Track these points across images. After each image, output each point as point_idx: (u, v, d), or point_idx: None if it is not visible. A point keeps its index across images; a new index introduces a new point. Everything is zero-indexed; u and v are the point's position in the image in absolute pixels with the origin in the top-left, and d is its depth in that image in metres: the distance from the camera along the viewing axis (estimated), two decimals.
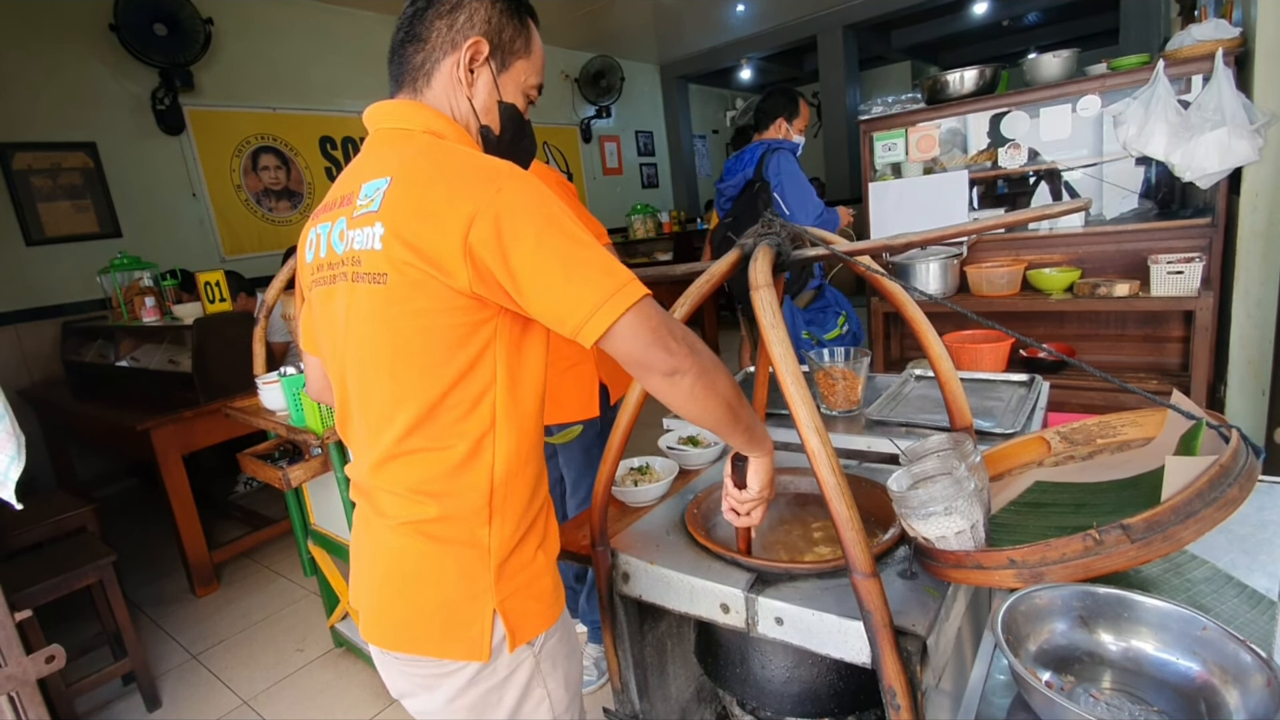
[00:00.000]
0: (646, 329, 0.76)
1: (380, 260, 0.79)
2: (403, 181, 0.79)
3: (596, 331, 0.74)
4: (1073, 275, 2.44)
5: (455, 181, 0.77)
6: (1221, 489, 0.68)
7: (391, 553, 0.87)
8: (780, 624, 0.89)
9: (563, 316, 0.75)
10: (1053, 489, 0.93)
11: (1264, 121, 2.02)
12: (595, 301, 0.74)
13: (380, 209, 0.79)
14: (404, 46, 0.90)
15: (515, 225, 0.74)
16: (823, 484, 0.76)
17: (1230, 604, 0.73)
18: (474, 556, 0.84)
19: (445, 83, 0.90)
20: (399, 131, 0.88)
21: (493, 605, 0.84)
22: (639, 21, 6.42)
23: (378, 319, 0.81)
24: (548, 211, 0.76)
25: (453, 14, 0.88)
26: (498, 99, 0.93)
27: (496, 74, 0.92)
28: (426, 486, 0.84)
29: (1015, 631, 0.64)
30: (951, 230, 0.84)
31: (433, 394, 0.81)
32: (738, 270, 0.97)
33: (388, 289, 0.79)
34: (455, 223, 0.74)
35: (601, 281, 0.75)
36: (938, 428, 1.30)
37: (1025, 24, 7.84)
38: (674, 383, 0.78)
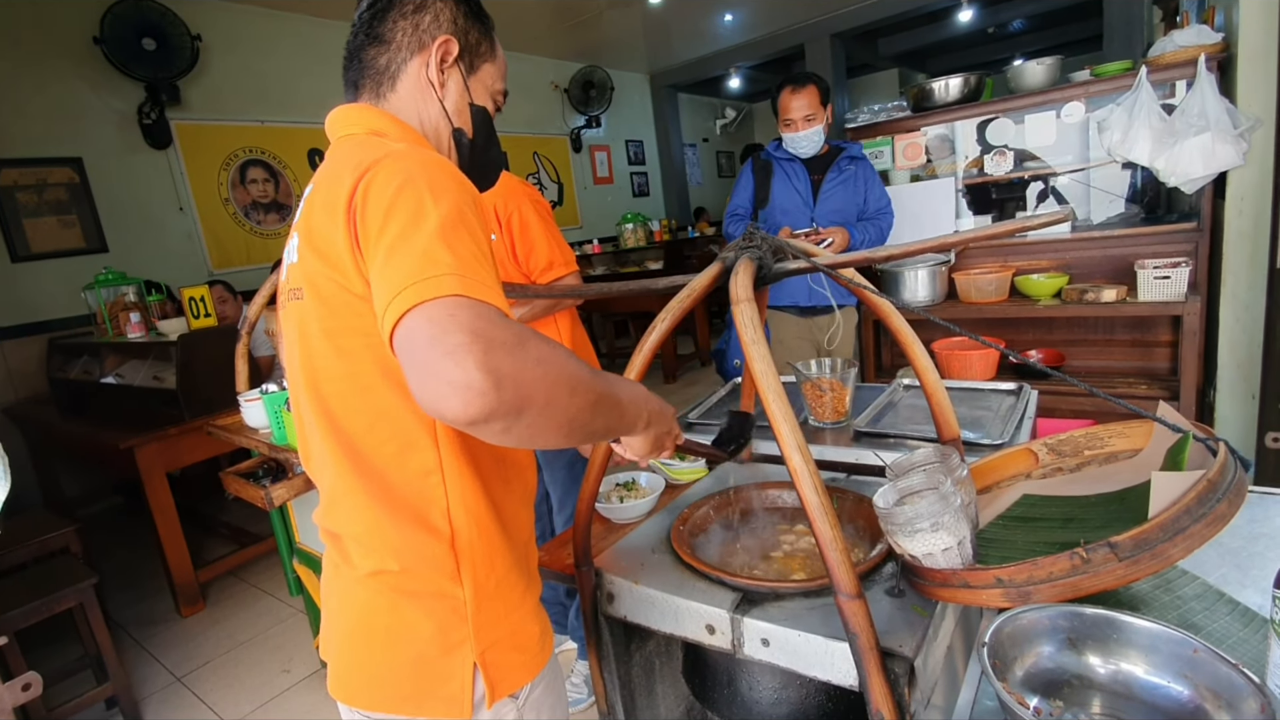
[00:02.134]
0: (425, 336, 0.56)
1: (297, 274, 0.74)
2: (324, 187, 0.73)
3: (386, 331, 0.59)
4: (1061, 281, 2.44)
5: (350, 162, 0.69)
6: (1210, 504, 0.66)
7: (360, 605, 0.79)
8: (766, 645, 0.87)
9: (376, 294, 0.62)
10: (1041, 502, 0.92)
11: (1248, 126, 2.03)
12: (392, 291, 0.59)
13: (300, 218, 0.75)
14: (363, 50, 0.84)
15: (378, 191, 0.64)
16: (806, 503, 0.75)
17: (1222, 622, 0.72)
18: (448, 609, 0.76)
19: (412, 86, 0.83)
20: (348, 138, 0.81)
21: (472, 658, 0.76)
22: (628, 31, 6.44)
23: (301, 340, 0.75)
24: (414, 184, 0.64)
25: (418, 14, 0.83)
26: (469, 101, 0.87)
27: (466, 76, 0.87)
28: (378, 536, 0.75)
29: (1002, 655, 0.62)
30: (934, 243, 0.83)
31: (357, 425, 0.72)
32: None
33: (303, 305, 0.74)
34: (340, 208, 0.66)
35: (412, 267, 0.59)
36: (926, 439, 1.28)
37: (1010, 31, 7.91)
38: (482, 432, 0.57)
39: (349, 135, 0.81)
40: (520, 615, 0.82)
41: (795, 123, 2.33)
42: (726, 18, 6.45)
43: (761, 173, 2.48)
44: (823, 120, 2.33)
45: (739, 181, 2.56)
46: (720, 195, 9.55)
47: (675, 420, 0.85)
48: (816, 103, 2.30)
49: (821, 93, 2.32)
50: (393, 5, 0.83)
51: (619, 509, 1.21)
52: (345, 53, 0.86)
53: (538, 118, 6.80)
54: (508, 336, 0.57)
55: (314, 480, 0.84)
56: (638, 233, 6.92)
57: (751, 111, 10.24)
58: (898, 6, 6.23)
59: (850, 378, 1.41)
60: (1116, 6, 4.88)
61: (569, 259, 1.78)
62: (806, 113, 2.30)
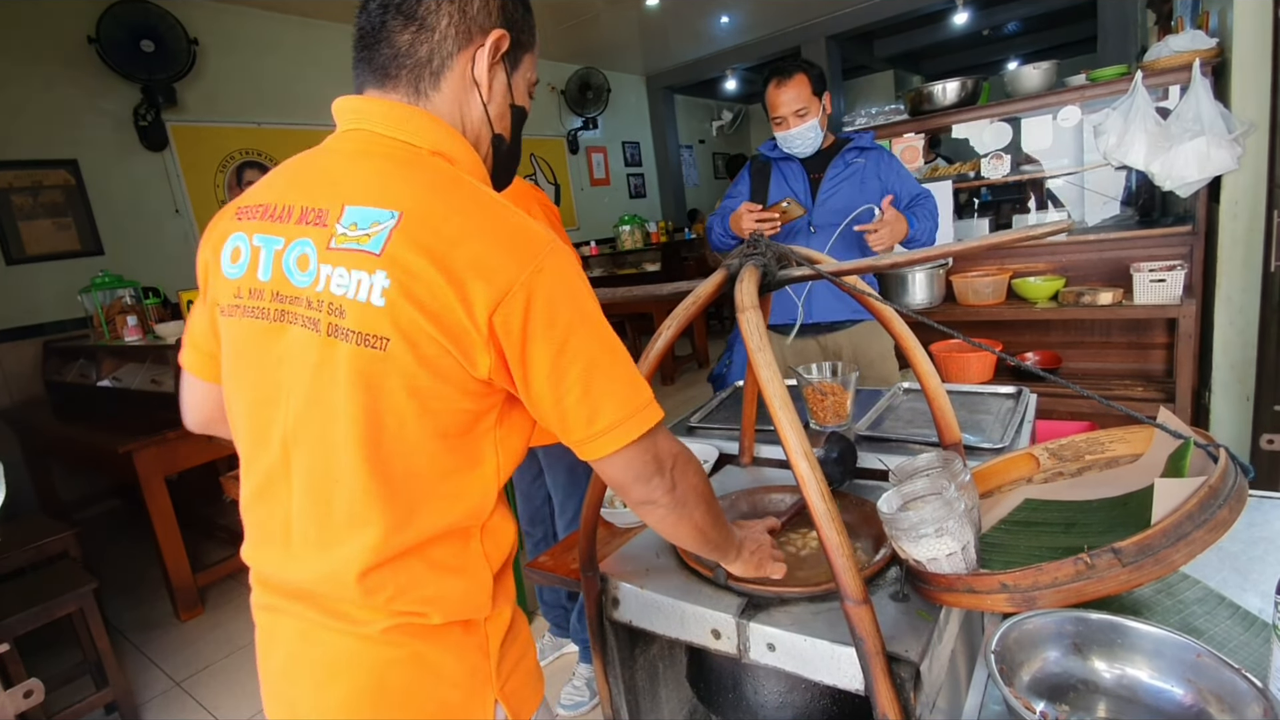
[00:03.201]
0: (640, 462, 0.71)
1: (380, 321, 0.62)
2: (418, 224, 0.63)
3: (598, 454, 0.69)
4: (1057, 284, 2.46)
5: (489, 243, 0.63)
6: (1211, 510, 0.67)
7: (367, 668, 0.69)
8: (772, 650, 0.87)
9: (569, 427, 0.68)
10: (1043, 507, 0.93)
11: (1242, 130, 2.05)
12: (608, 421, 0.68)
13: (384, 253, 0.62)
14: (393, 30, 0.70)
15: (547, 317, 0.64)
16: (813, 509, 0.76)
17: (1223, 626, 0.73)
18: (475, 645, 0.73)
19: (457, 85, 0.72)
20: (401, 146, 0.70)
21: (494, 695, 0.74)
22: (624, 33, 6.45)
23: (365, 391, 0.64)
24: (583, 304, 0.67)
25: (465, 5, 0.71)
26: (510, 103, 0.78)
27: (510, 73, 0.77)
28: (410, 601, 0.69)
29: (1009, 660, 0.63)
30: (937, 251, 0.83)
31: (421, 493, 0.68)
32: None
33: (386, 357, 0.63)
34: (483, 297, 0.62)
35: (621, 401, 0.68)
36: (927, 443, 1.29)
37: (1005, 33, 7.95)
38: (645, 510, 0.77)
39: (408, 146, 0.70)
40: (524, 639, 0.81)
41: (785, 119, 2.04)
42: (723, 19, 6.47)
43: (759, 175, 2.24)
44: (817, 113, 2.04)
45: (735, 183, 2.34)
46: (716, 197, 9.57)
47: (770, 544, 0.98)
48: (808, 94, 2.00)
49: (813, 82, 2.02)
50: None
51: (623, 514, 1.22)
52: (363, 25, 0.72)
53: (534, 119, 6.72)
54: (682, 452, 0.77)
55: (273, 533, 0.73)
56: (635, 234, 6.93)
57: (748, 113, 10.26)
58: (893, 8, 6.25)
59: (851, 382, 1.42)
60: (1111, 10, 4.91)
61: None
62: (797, 107, 2.00)
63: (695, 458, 0.81)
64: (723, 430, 1.54)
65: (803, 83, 2.01)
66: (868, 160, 2.10)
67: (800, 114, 2.02)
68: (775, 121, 2.08)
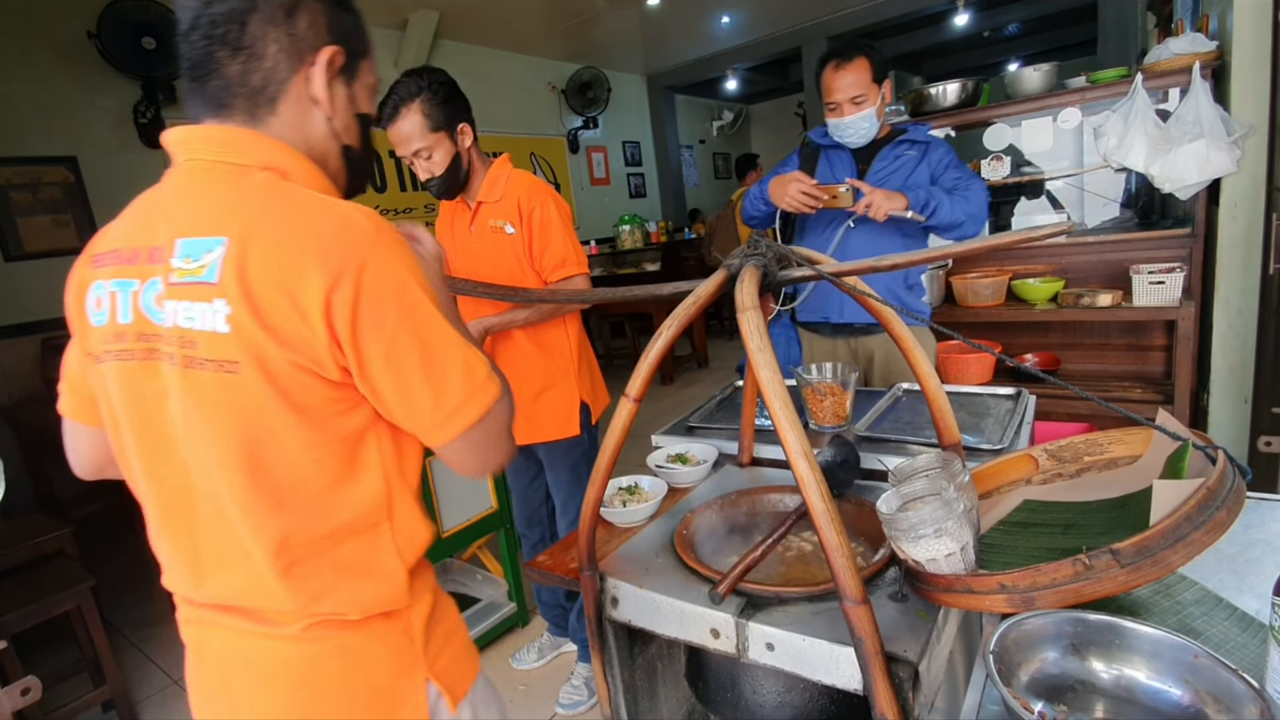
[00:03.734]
0: (481, 443, 0.74)
1: (228, 346, 0.64)
2: (245, 245, 0.64)
3: (445, 436, 0.72)
4: (1056, 285, 2.47)
5: (312, 246, 0.64)
6: (1209, 512, 0.67)
7: (296, 666, 0.74)
8: (771, 650, 0.88)
9: (413, 416, 0.71)
10: (1041, 508, 0.93)
11: (1241, 133, 2.05)
12: (447, 409, 0.71)
13: (220, 281, 0.64)
14: (220, 60, 0.69)
15: (376, 310, 0.65)
16: (812, 510, 0.76)
17: (1220, 627, 0.73)
18: (398, 631, 0.77)
19: (295, 107, 0.73)
20: (228, 168, 0.70)
21: (424, 675, 0.77)
22: (625, 33, 6.45)
23: (233, 414, 0.66)
24: (410, 294, 0.68)
25: (291, 19, 0.70)
26: (355, 112, 0.79)
27: (350, 84, 0.77)
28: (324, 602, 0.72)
29: (1007, 661, 0.63)
30: (938, 253, 0.84)
31: (314, 495, 0.70)
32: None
33: (241, 380, 0.65)
34: (314, 299, 0.63)
35: (459, 384, 0.71)
36: (926, 444, 1.30)
37: (1006, 35, 7.95)
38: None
39: (235, 166, 0.70)
40: (451, 620, 0.84)
41: (839, 106, 1.87)
42: (724, 19, 6.46)
43: (807, 161, 2.08)
44: (875, 101, 1.86)
45: (782, 165, 2.15)
46: (716, 197, 9.56)
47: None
48: (867, 80, 1.83)
49: (874, 67, 1.84)
50: (255, 7, 0.69)
51: (622, 513, 1.22)
52: (189, 56, 0.70)
53: (535, 119, 6.80)
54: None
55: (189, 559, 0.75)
56: (635, 234, 6.93)
57: (748, 114, 10.26)
58: (894, 9, 6.26)
59: (851, 382, 1.43)
60: (1111, 12, 4.91)
61: (581, 260, 1.78)
62: (854, 93, 1.84)
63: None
64: (722, 430, 1.54)
65: (863, 67, 1.84)
66: (919, 154, 1.94)
67: (856, 101, 1.86)
68: (829, 107, 1.92)
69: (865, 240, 1.92)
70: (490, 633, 2.33)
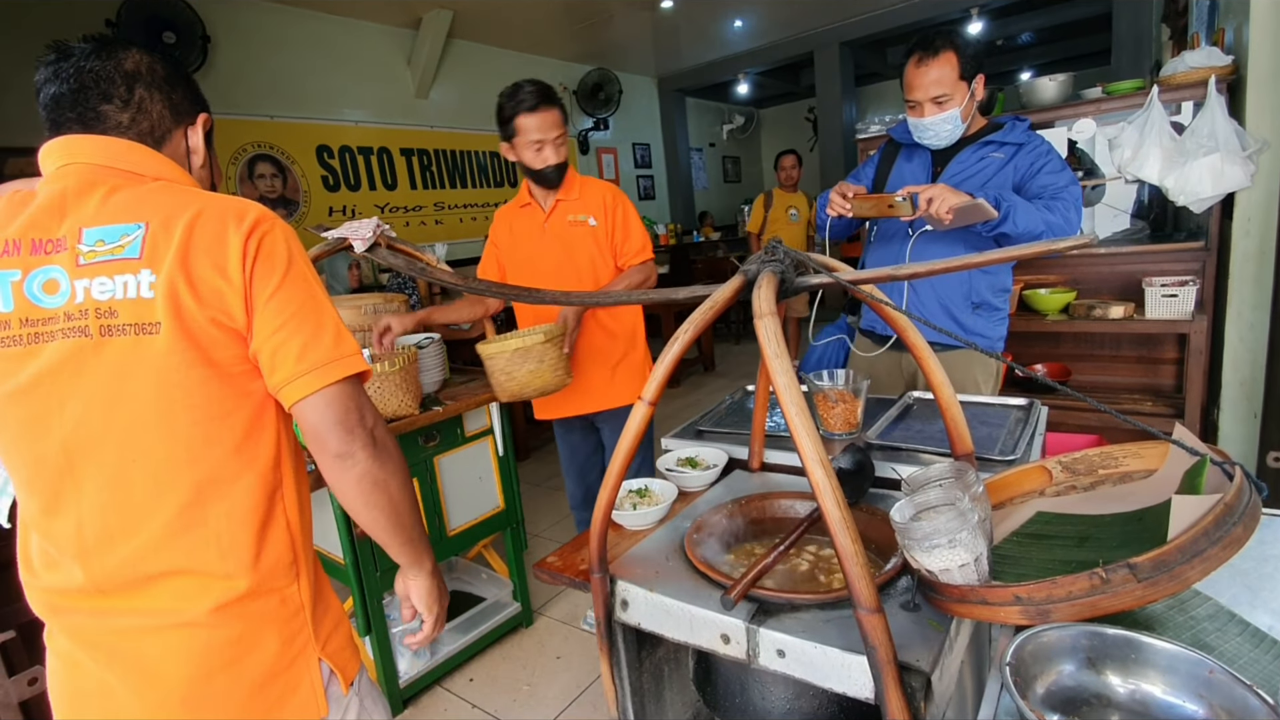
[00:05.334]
0: (341, 406, 0.80)
1: (151, 309, 0.75)
2: (166, 225, 0.76)
3: (301, 392, 0.78)
4: (1068, 296, 2.46)
5: (227, 216, 0.78)
6: (1226, 528, 0.67)
7: (199, 651, 0.78)
8: (782, 656, 0.88)
9: (275, 364, 0.78)
10: (1055, 520, 0.93)
11: (1256, 148, 2.05)
12: (313, 361, 0.78)
13: (143, 255, 0.75)
14: (104, 111, 0.83)
15: (272, 256, 0.78)
16: (827, 517, 0.76)
17: (1233, 643, 0.73)
18: (288, 615, 0.83)
19: (174, 151, 0.89)
20: (124, 174, 0.82)
21: (317, 655, 0.85)
22: (637, 35, 6.46)
23: (144, 374, 0.75)
24: (301, 261, 0.82)
25: (170, 90, 0.88)
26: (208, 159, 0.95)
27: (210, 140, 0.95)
28: (228, 560, 0.79)
29: (1023, 672, 0.63)
30: (957, 262, 0.84)
31: (221, 451, 0.79)
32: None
33: (161, 339, 0.75)
34: (235, 250, 0.76)
35: (329, 344, 0.80)
36: (938, 452, 1.29)
37: (1019, 43, 7.94)
38: (344, 466, 0.81)
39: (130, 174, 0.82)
40: (337, 608, 0.92)
41: (920, 105, 1.71)
42: (736, 23, 6.47)
43: (887, 160, 1.95)
44: (962, 100, 1.69)
45: (864, 165, 2.05)
46: (726, 200, 9.56)
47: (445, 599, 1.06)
48: (953, 78, 1.66)
49: (963, 63, 1.66)
50: (138, 78, 0.85)
51: (632, 516, 1.22)
52: (65, 94, 0.83)
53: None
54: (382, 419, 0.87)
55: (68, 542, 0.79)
56: None
57: (759, 118, 10.26)
58: (907, 16, 6.25)
59: (863, 390, 1.43)
60: (1125, 23, 4.90)
61: (650, 246, 2.14)
62: (936, 92, 1.67)
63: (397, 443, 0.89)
64: (732, 435, 1.54)
65: (949, 63, 1.66)
66: (1007, 157, 1.74)
67: (939, 101, 1.69)
68: (909, 105, 1.76)
69: (935, 253, 1.78)
70: (494, 632, 2.33)
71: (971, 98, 1.72)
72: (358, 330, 2.14)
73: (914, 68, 1.71)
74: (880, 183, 1.95)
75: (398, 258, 1.38)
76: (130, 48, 0.86)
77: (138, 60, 0.86)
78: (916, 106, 1.74)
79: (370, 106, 5.26)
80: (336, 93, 5.04)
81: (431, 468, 2.06)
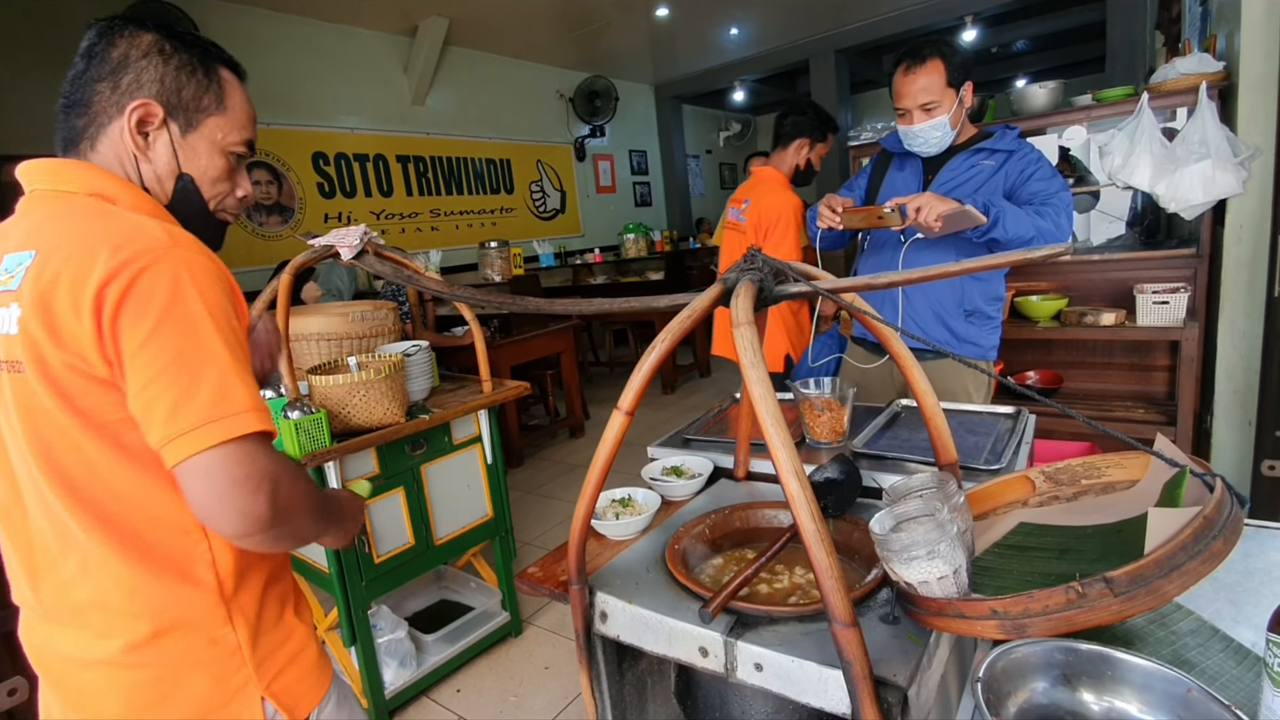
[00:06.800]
0: (226, 477, 0.67)
1: (15, 347, 0.70)
2: (48, 255, 0.70)
3: (173, 457, 0.66)
4: (1060, 303, 2.45)
5: (102, 250, 0.68)
6: (1206, 542, 0.66)
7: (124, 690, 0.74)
8: (760, 670, 0.86)
9: (148, 423, 0.67)
10: (1037, 531, 0.92)
11: (1248, 155, 2.04)
12: (186, 421, 0.66)
13: (20, 287, 0.70)
14: (67, 113, 0.80)
15: (142, 302, 0.67)
16: (802, 530, 0.75)
17: (1215, 659, 0.72)
18: (222, 656, 0.77)
19: (113, 148, 0.80)
20: (57, 195, 0.78)
21: (259, 694, 0.79)
22: (634, 43, 6.48)
23: (26, 413, 0.71)
24: (188, 303, 0.68)
25: (115, 76, 0.78)
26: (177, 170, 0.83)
27: (181, 135, 0.82)
28: (139, 599, 0.73)
29: (996, 690, 0.62)
30: (935, 271, 0.83)
31: (106, 494, 0.72)
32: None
33: (26, 380, 0.70)
34: (89, 291, 0.66)
35: (206, 401, 0.67)
36: (924, 462, 1.28)
37: (1013, 51, 7.97)
38: (246, 544, 0.71)
39: (63, 193, 0.77)
40: (296, 639, 0.85)
41: (910, 112, 1.74)
42: (732, 31, 6.49)
43: (879, 169, 1.96)
44: (950, 107, 1.71)
45: (856, 176, 2.06)
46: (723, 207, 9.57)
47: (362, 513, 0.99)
48: (940, 85, 1.68)
49: (950, 71, 1.68)
50: (90, 65, 0.78)
51: (614, 525, 1.21)
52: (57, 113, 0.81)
53: (542, 126, 6.83)
54: (285, 470, 0.72)
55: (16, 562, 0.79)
56: (639, 243, 6.94)
57: (755, 124, 10.28)
58: (902, 24, 6.28)
59: (849, 398, 1.41)
60: (1119, 31, 4.92)
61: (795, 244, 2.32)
62: (925, 100, 1.69)
63: (301, 473, 0.76)
64: (718, 443, 1.53)
65: (936, 70, 1.69)
66: (998, 164, 1.76)
67: (928, 108, 1.71)
68: (899, 113, 1.78)
69: (927, 261, 1.78)
70: (482, 642, 2.31)
71: (960, 104, 1.74)
72: (348, 338, 2.13)
73: (902, 76, 1.74)
74: (873, 192, 1.96)
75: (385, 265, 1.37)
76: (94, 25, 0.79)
77: (91, 42, 0.79)
78: (906, 114, 1.76)
79: (366, 113, 5.27)
80: (332, 100, 5.05)
81: (419, 476, 2.05)
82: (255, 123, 0.91)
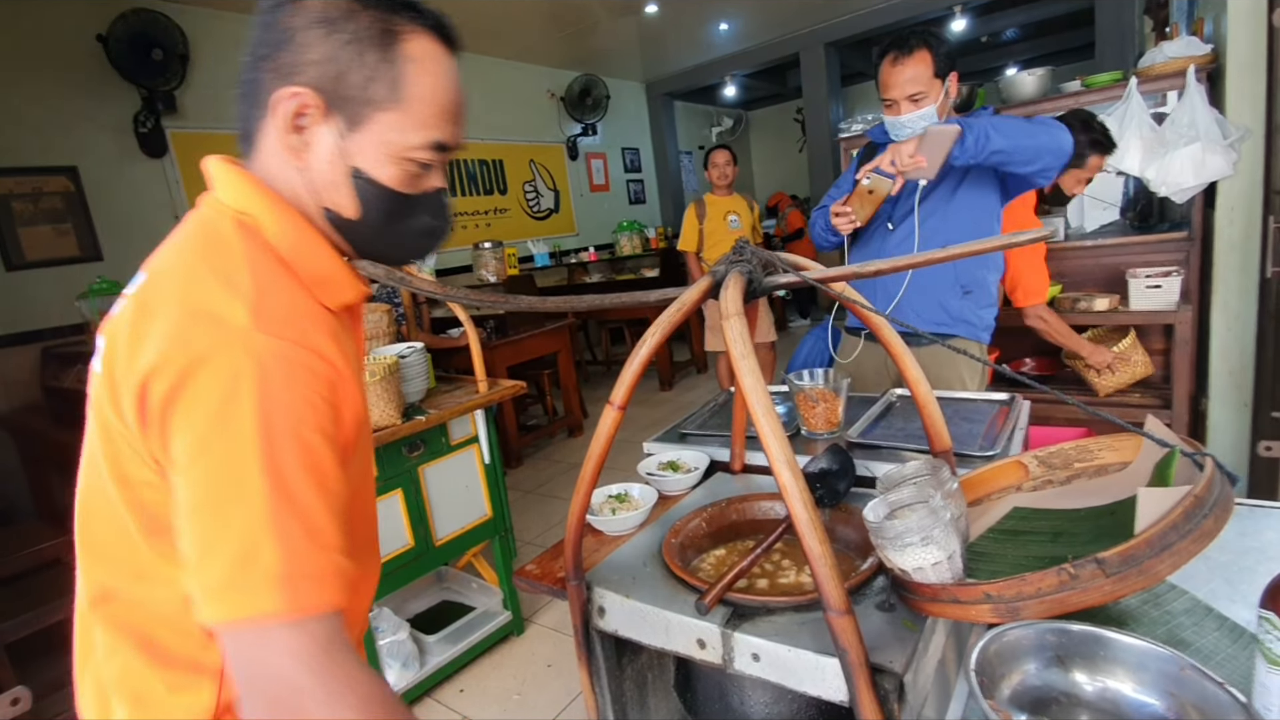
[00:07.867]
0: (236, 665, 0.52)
1: (95, 384, 0.63)
2: (140, 292, 0.61)
3: (213, 618, 0.52)
4: (1053, 290, 2.45)
5: (160, 316, 0.57)
6: (1196, 520, 0.66)
7: None
8: (757, 660, 0.86)
9: (187, 562, 0.54)
10: (1031, 515, 0.92)
11: (1237, 136, 2.05)
12: (211, 578, 0.52)
13: (115, 317, 0.62)
14: (241, 99, 0.67)
15: (191, 406, 0.54)
16: (796, 520, 0.75)
17: (1210, 638, 0.72)
18: None
19: (273, 150, 0.65)
20: (208, 204, 0.67)
21: None
22: (623, 40, 6.47)
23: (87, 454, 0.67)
24: (236, 413, 0.53)
25: (276, 55, 0.62)
26: (349, 169, 0.65)
27: (344, 134, 0.64)
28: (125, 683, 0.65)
29: (989, 673, 0.62)
30: (921, 259, 0.83)
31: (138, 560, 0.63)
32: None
33: (92, 422, 0.64)
34: (134, 381, 0.56)
35: (228, 562, 0.51)
36: (918, 450, 1.28)
37: (1003, 40, 7.97)
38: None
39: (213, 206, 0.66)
40: None
41: (896, 103, 1.72)
42: (722, 27, 6.48)
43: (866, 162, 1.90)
44: (937, 98, 1.70)
45: (845, 174, 2.04)
46: None
47: None
48: (927, 75, 1.67)
49: (937, 61, 1.68)
50: (260, 37, 0.63)
51: (611, 521, 1.21)
52: None
53: (534, 125, 6.82)
54: (319, 684, 0.51)
55: None
56: (633, 240, 6.93)
57: (748, 120, 10.27)
58: (892, 15, 6.27)
59: (843, 388, 1.42)
60: (1108, 17, 4.92)
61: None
62: (912, 90, 1.68)
63: (371, 683, 0.54)
64: (715, 437, 1.53)
65: (923, 61, 1.68)
66: None
67: (915, 99, 1.70)
68: (885, 104, 1.77)
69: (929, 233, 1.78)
70: (484, 642, 2.32)
71: (946, 95, 1.74)
72: None
73: (889, 67, 1.74)
74: None
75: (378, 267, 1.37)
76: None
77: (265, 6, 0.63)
78: (893, 105, 1.76)
79: None
80: None
81: (416, 477, 2.05)
82: (457, 117, 0.70)
